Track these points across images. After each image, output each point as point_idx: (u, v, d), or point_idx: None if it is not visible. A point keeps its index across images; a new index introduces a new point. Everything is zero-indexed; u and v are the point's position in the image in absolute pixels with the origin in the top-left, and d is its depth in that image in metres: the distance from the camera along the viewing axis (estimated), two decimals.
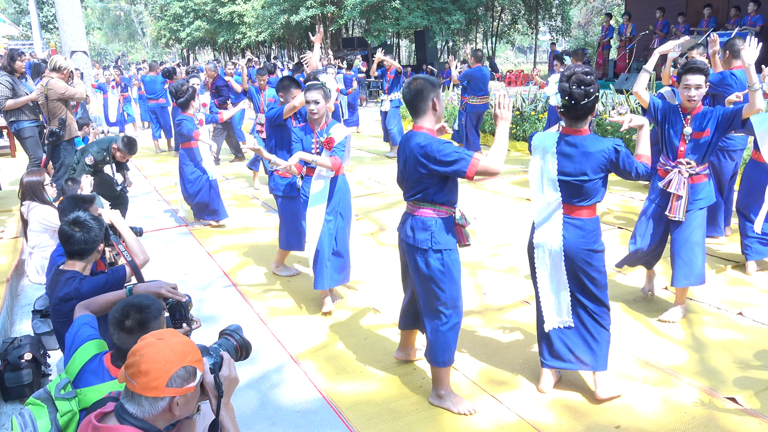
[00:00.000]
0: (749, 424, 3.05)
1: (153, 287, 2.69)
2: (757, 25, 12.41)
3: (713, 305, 4.38)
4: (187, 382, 1.74)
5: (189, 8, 31.41)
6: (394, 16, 20.29)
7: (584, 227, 3.17)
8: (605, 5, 31.25)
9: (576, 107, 3.02)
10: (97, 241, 2.97)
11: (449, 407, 3.25)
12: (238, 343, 2.11)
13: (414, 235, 3.12)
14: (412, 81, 3.09)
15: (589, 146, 3.05)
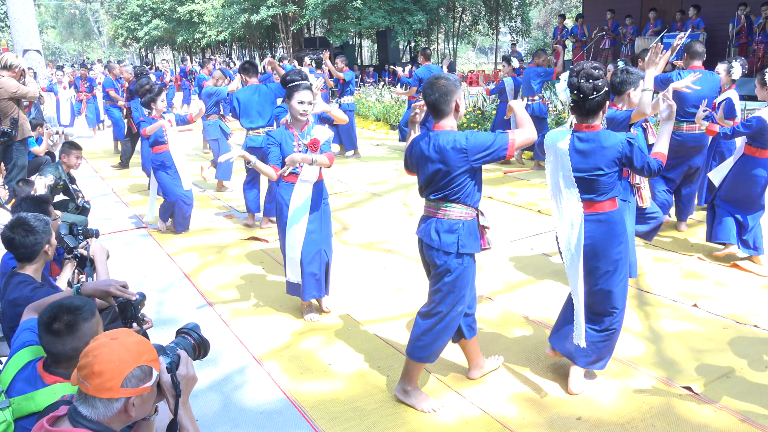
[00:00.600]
0: (704, 411, 3.13)
1: (101, 285, 2.59)
2: (700, 27, 12.90)
3: (669, 298, 4.49)
4: (142, 382, 1.70)
5: (147, 7, 30.84)
6: (356, 16, 20.26)
7: (609, 220, 3.13)
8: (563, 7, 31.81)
9: (585, 102, 3.02)
10: (39, 243, 2.86)
11: (414, 404, 3.25)
12: (195, 341, 2.06)
13: (440, 238, 3.06)
14: (435, 81, 3.01)
15: (603, 141, 3.04)
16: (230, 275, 5.27)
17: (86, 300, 2.17)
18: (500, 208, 7.10)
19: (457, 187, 3.00)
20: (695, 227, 6.09)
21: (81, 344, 2.05)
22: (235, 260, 5.64)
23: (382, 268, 5.33)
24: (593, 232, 3.12)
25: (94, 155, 11.96)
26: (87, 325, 2.08)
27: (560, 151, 3.12)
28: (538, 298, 4.59)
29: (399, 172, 9.25)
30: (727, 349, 3.76)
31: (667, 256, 5.31)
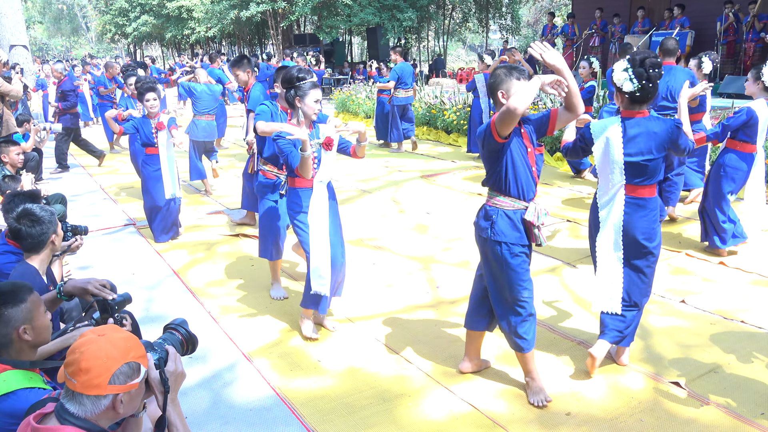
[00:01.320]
0: (692, 406, 3.16)
1: (80, 283, 2.58)
2: (686, 26, 13.00)
3: (657, 294, 4.52)
4: (130, 379, 1.69)
5: (135, 2, 30.64)
6: (346, 13, 20.22)
7: (647, 206, 3.29)
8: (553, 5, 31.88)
9: (648, 89, 3.15)
10: (46, 233, 2.91)
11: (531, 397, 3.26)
12: (183, 336, 2.05)
13: (480, 223, 3.19)
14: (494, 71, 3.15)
15: (653, 126, 3.20)
16: (219, 272, 5.25)
17: (19, 285, 2.16)
18: None
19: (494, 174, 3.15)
20: (683, 224, 6.13)
21: (9, 329, 2.07)
22: (224, 257, 5.62)
23: (372, 264, 5.32)
24: (632, 216, 3.29)
25: (81, 152, 11.85)
26: (14, 311, 2.08)
27: (611, 138, 3.23)
28: None
29: (389, 168, 9.25)
30: (714, 344, 3.79)
31: None
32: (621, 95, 3.27)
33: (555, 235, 5.92)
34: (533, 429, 3.02)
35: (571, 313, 4.26)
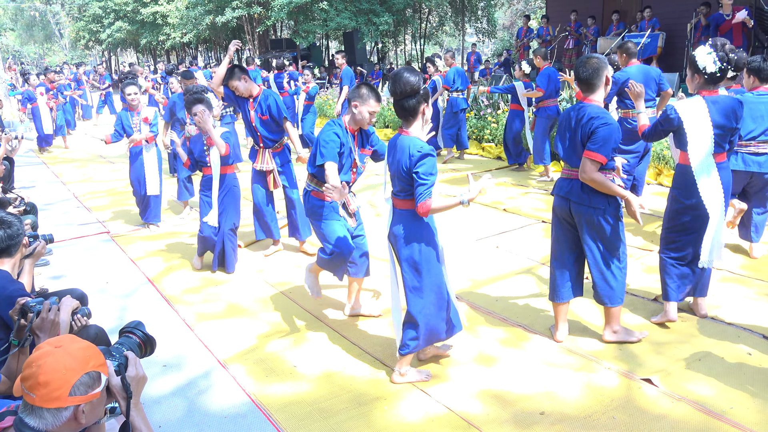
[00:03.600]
0: (663, 402, 3.20)
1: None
2: (657, 27, 13.22)
3: (630, 292, 4.57)
4: (91, 389, 1.66)
5: (109, 9, 30.33)
6: (322, 18, 20.22)
7: (727, 168, 3.85)
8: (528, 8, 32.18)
9: (726, 70, 3.65)
10: (17, 236, 2.94)
11: (626, 339, 3.78)
12: (141, 339, 2.03)
13: (590, 195, 3.51)
14: (588, 60, 3.50)
15: (730, 101, 3.73)
16: (195, 279, 5.21)
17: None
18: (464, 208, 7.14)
19: None
20: (657, 223, 6.22)
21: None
22: None
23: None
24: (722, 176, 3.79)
25: (55, 160, 11.72)
26: None
27: (700, 113, 3.70)
28: (504, 295, 4.64)
29: (367, 173, 9.25)
30: (686, 341, 3.84)
31: (628, 252, 5.39)
32: (699, 76, 3.73)
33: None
34: (508, 429, 3.04)
35: (547, 313, 4.30)
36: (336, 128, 3.84)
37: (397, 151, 3.24)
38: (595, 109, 3.45)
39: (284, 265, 5.49)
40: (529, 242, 5.79)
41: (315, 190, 4.00)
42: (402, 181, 3.24)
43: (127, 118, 6.43)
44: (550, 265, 3.94)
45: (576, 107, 3.55)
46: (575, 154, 3.54)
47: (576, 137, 3.51)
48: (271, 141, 5.51)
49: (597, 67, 3.47)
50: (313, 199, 4.02)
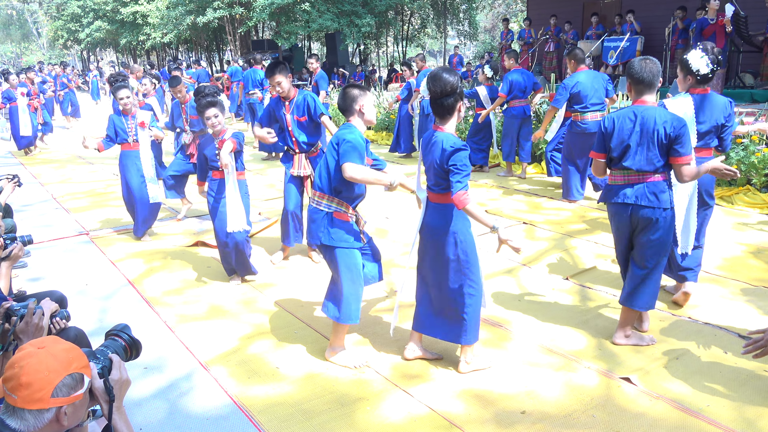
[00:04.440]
0: (641, 400, 3.25)
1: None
2: (636, 31, 13.41)
3: (609, 293, 4.64)
4: (74, 391, 1.65)
5: (88, 8, 30.00)
6: (304, 19, 20.18)
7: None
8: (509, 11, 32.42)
9: (715, 71, 4.06)
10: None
11: (637, 343, 3.84)
12: (126, 342, 2.02)
13: (659, 197, 3.59)
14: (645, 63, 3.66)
15: (718, 99, 4.08)
16: (176, 281, 5.18)
17: None
18: None
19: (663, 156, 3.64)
20: None
21: None
22: (181, 266, 5.55)
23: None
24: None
25: (33, 161, 11.57)
26: None
27: (687, 110, 4.01)
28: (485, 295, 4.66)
29: None
30: (664, 340, 3.90)
31: (606, 252, 5.48)
32: (692, 77, 4.08)
33: None
34: (489, 428, 3.07)
35: (527, 314, 4.34)
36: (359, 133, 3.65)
37: (433, 147, 3.35)
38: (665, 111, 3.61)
39: (267, 267, 5.48)
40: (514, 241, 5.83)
41: (338, 211, 3.62)
42: (437, 175, 3.35)
43: (121, 122, 6.05)
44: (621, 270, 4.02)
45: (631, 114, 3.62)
46: (642, 160, 3.59)
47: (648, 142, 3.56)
48: (308, 145, 5.29)
49: (657, 70, 3.63)
50: (337, 222, 3.61)
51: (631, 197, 3.63)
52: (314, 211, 3.65)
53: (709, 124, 4.06)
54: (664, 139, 3.51)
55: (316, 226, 3.62)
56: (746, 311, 4.26)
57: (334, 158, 3.57)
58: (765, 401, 3.20)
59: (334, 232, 3.58)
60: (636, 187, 3.63)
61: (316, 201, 3.67)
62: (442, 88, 3.25)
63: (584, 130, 6.91)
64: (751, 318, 4.15)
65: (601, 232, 6.05)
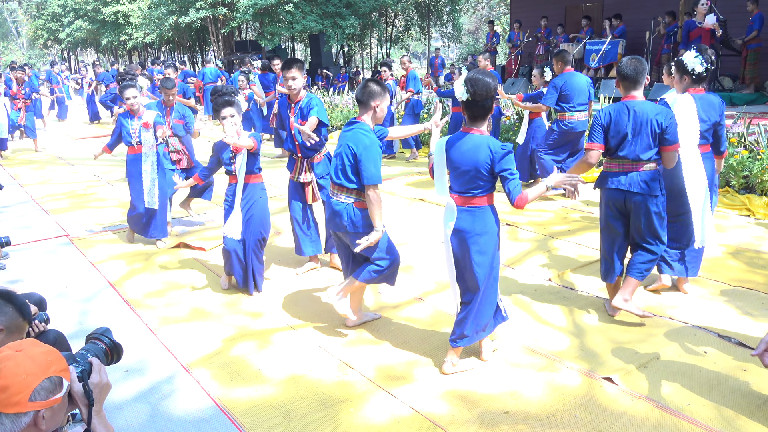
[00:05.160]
0: (623, 399, 3.28)
1: None
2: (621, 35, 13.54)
3: (591, 294, 4.67)
4: (53, 394, 1.62)
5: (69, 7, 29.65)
6: (288, 20, 20.11)
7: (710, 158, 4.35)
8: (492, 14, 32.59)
9: (710, 70, 4.23)
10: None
11: (633, 310, 4.04)
12: (107, 346, 1.99)
13: (649, 185, 3.90)
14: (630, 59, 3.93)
15: (712, 98, 4.26)
16: (158, 283, 5.13)
17: None
18: (431, 209, 7.21)
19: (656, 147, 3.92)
20: None
21: None
22: (163, 267, 5.50)
23: (315, 271, 5.31)
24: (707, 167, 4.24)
25: (11, 161, 11.40)
26: None
27: (690, 109, 4.16)
28: None
29: None
30: (645, 340, 3.94)
31: (589, 254, 5.52)
32: (687, 77, 4.25)
33: None
34: (473, 429, 3.08)
35: (510, 315, 4.35)
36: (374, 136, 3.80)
37: (469, 150, 3.33)
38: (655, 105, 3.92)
39: None
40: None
41: (358, 201, 3.81)
42: (475, 179, 3.34)
43: (127, 124, 5.84)
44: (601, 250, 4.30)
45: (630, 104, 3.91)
46: (637, 148, 3.88)
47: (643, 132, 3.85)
48: (311, 150, 5.03)
49: (642, 69, 3.92)
50: (360, 212, 3.81)
51: (625, 184, 3.95)
52: (336, 203, 3.86)
53: (709, 122, 4.25)
54: (657, 128, 3.83)
55: (340, 217, 3.84)
56: (725, 311, 4.31)
57: (350, 159, 3.73)
58: (743, 400, 3.25)
59: (357, 220, 3.81)
60: (630, 175, 3.94)
61: (336, 195, 3.87)
62: (485, 90, 3.27)
63: (571, 129, 7.13)
64: (730, 318, 4.20)
65: (583, 233, 6.10)
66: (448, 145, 3.45)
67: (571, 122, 7.12)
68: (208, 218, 7.04)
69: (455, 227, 3.44)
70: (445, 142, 3.48)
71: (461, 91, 3.32)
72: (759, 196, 6.67)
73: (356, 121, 3.83)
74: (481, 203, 3.42)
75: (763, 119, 8.30)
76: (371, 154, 3.70)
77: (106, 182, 9.27)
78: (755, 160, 6.82)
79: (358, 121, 3.83)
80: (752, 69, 11.53)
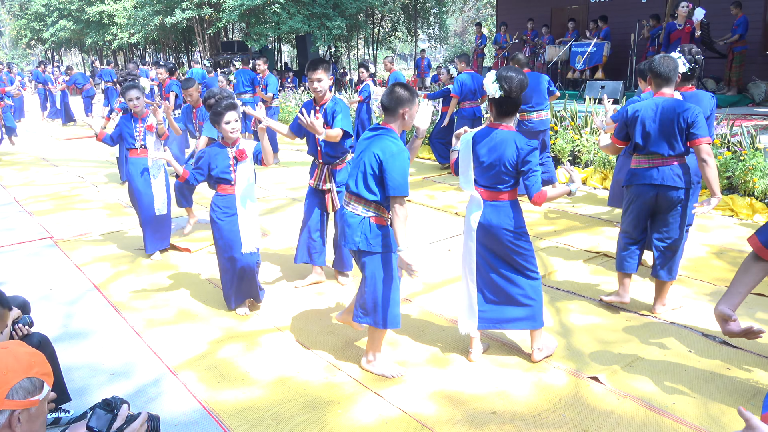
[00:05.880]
0: (609, 399, 3.30)
1: None
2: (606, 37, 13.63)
3: (578, 294, 4.70)
4: (31, 395, 1.58)
5: (53, 7, 29.38)
6: (275, 21, 20.06)
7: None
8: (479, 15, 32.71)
9: (695, 70, 4.53)
10: None
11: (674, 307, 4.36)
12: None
13: (682, 178, 4.05)
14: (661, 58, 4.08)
15: (701, 95, 4.66)
16: (145, 284, 5.10)
17: None
18: (419, 210, 7.22)
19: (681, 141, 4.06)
20: (603, 226, 6.41)
21: None
22: (149, 269, 5.46)
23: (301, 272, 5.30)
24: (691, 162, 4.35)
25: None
26: None
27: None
28: (456, 298, 4.69)
29: None
30: (630, 339, 3.97)
31: (575, 254, 5.56)
32: (678, 76, 4.42)
33: None
34: (461, 429, 3.08)
35: None
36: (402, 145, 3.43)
37: (497, 145, 3.41)
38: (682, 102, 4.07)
39: None
40: None
41: (377, 216, 3.45)
42: (502, 174, 3.42)
43: (129, 126, 5.51)
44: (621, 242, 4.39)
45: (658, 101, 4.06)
46: (667, 144, 4.03)
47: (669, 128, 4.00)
48: (332, 157, 4.75)
49: (675, 65, 4.09)
50: (377, 229, 3.45)
51: (658, 178, 4.07)
52: (350, 215, 3.46)
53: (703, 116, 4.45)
54: (683, 124, 3.96)
55: (352, 231, 3.43)
56: (710, 311, 4.35)
57: (373, 168, 3.34)
58: (728, 398, 3.28)
59: (373, 237, 3.42)
60: (661, 169, 4.07)
61: (352, 205, 3.47)
62: (519, 86, 3.38)
63: (530, 129, 7.38)
64: (714, 317, 4.23)
65: (569, 234, 6.14)
66: (474, 139, 3.53)
67: (531, 122, 7.37)
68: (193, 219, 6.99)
69: (481, 221, 3.54)
70: (472, 136, 3.55)
71: (494, 88, 3.41)
72: (742, 197, 6.75)
73: (381, 127, 3.44)
74: (507, 198, 3.52)
75: (746, 121, 8.40)
76: (399, 162, 3.30)
77: (90, 184, 9.18)
78: (738, 161, 6.90)
79: (384, 127, 3.44)
80: (737, 71, 11.68)
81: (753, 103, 11.46)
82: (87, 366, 3.79)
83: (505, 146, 3.38)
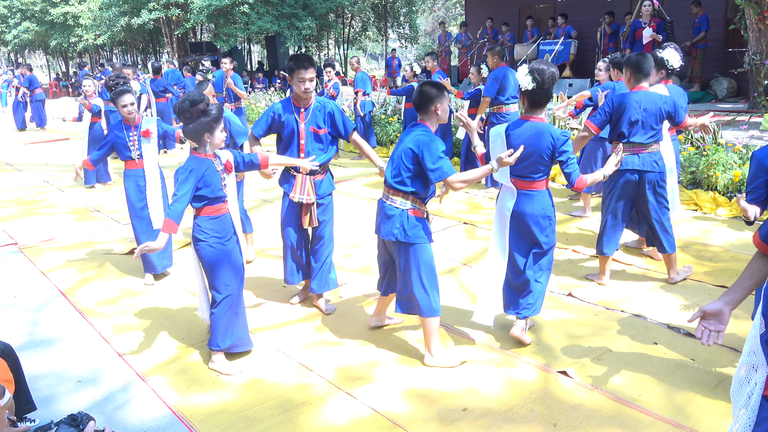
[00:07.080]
0: (578, 392, 3.35)
1: None
2: (572, 34, 13.83)
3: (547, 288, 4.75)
4: None
5: (15, 8, 28.64)
6: (244, 21, 19.88)
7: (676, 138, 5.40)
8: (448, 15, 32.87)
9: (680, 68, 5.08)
10: None
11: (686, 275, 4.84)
12: None
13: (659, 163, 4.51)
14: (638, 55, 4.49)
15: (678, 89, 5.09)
16: (112, 290, 5.02)
17: None
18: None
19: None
20: (572, 221, 6.50)
21: None
22: (117, 274, 5.38)
23: (273, 274, 5.27)
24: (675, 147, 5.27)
25: None
26: None
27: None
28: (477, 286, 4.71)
29: None
30: (598, 333, 4.04)
31: None
32: (664, 71, 5.03)
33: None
34: (432, 427, 3.10)
35: (469, 312, 4.40)
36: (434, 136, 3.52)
37: (531, 136, 3.59)
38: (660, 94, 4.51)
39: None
40: (452, 244, 5.92)
41: (414, 208, 3.56)
42: (537, 163, 3.62)
43: (122, 136, 4.97)
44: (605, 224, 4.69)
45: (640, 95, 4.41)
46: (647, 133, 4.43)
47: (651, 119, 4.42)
48: (319, 166, 4.28)
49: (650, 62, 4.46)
50: (415, 220, 3.56)
51: (639, 164, 4.46)
52: (389, 208, 3.59)
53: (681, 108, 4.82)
54: (664, 114, 4.45)
55: (391, 224, 3.57)
56: (674, 303, 4.45)
57: (411, 161, 3.48)
58: (692, 388, 3.36)
59: (411, 229, 3.55)
60: (641, 155, 4.47)
61: (390, 198, 3.61)
62: (551, 78, 3.56)
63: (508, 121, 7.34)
64: (679, 310, 4.33)
65: None
66: (507, 131, 3.69)
67: (508, 113, 7.46)
68: None
69: (515, 209, 3.73)
70: (505, 129, 3.71)
71: (527, 81, 3.55)
72: (705, 191, 6.90)
73: (418, 124, 3.58)
74: (540, 187, 3.70)
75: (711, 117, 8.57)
76: (433, 149, 3.41)
77: (56, 188, 9.01)
78: (701, 156, 7.05)
79: (419, 123, 3.58)
80: (700, 68, 11.96)
81: (716, 99, 11.72)
82: (53, 374, 3.72)
83: (540, 137, 3.57)
